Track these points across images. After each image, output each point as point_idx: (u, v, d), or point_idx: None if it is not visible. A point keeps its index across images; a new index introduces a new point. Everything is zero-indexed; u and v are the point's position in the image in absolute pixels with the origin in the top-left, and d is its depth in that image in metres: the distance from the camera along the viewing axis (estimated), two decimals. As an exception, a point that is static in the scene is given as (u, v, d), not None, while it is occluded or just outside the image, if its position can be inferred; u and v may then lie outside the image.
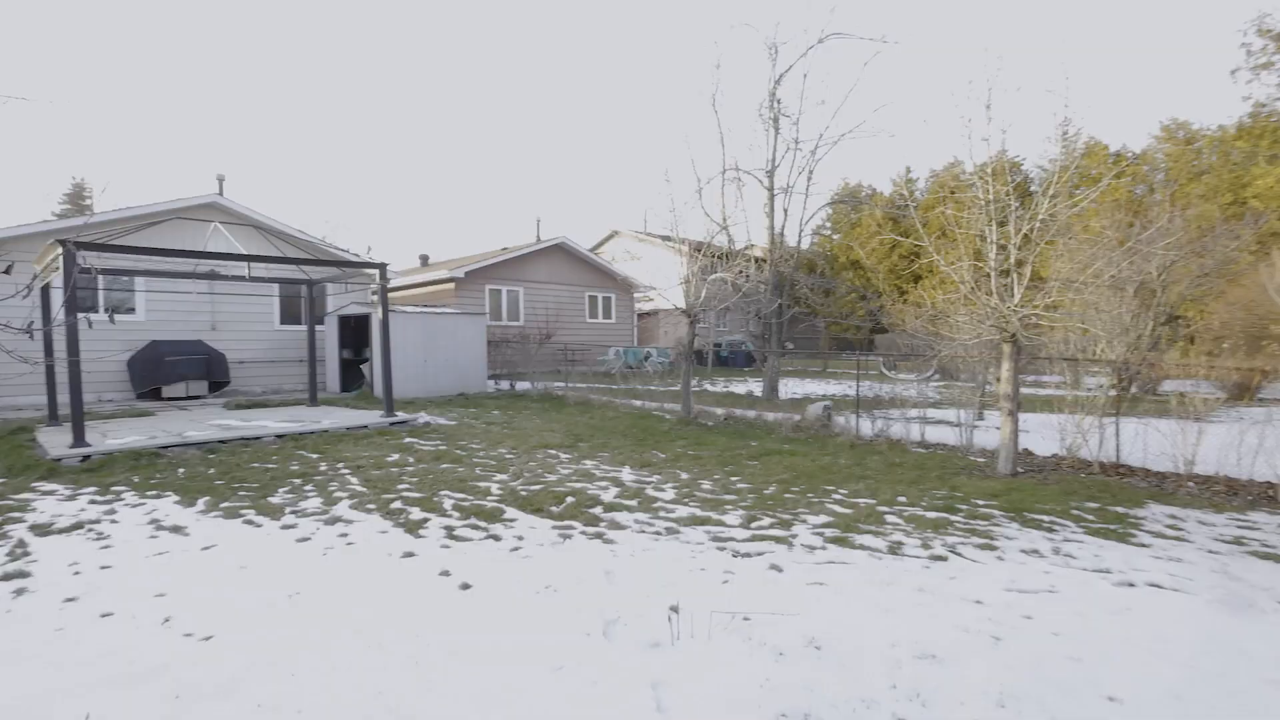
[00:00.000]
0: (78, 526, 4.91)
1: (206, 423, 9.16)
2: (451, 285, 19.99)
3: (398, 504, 5.61)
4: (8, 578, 3.94)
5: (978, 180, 7.00)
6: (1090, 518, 5.33)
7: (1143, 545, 4.69)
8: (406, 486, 6.19)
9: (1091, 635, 3.32)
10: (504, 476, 6.72)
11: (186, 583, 3.91)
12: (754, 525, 5.21)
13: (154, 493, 5.89)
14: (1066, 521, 5.24)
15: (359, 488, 6.14)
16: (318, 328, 15.11)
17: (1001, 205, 6.73)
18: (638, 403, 12.68)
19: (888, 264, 35.33)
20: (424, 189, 70.05)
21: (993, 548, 4.64)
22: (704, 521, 5.28)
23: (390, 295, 22.11)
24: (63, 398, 7.84)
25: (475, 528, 5.05)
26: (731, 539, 4.87)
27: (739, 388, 17.30)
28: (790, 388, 17.07)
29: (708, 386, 17.66)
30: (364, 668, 2.97)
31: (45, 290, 6.99)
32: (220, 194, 13.79)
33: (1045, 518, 5.33)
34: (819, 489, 6.34)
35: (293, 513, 5.34)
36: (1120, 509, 5.57)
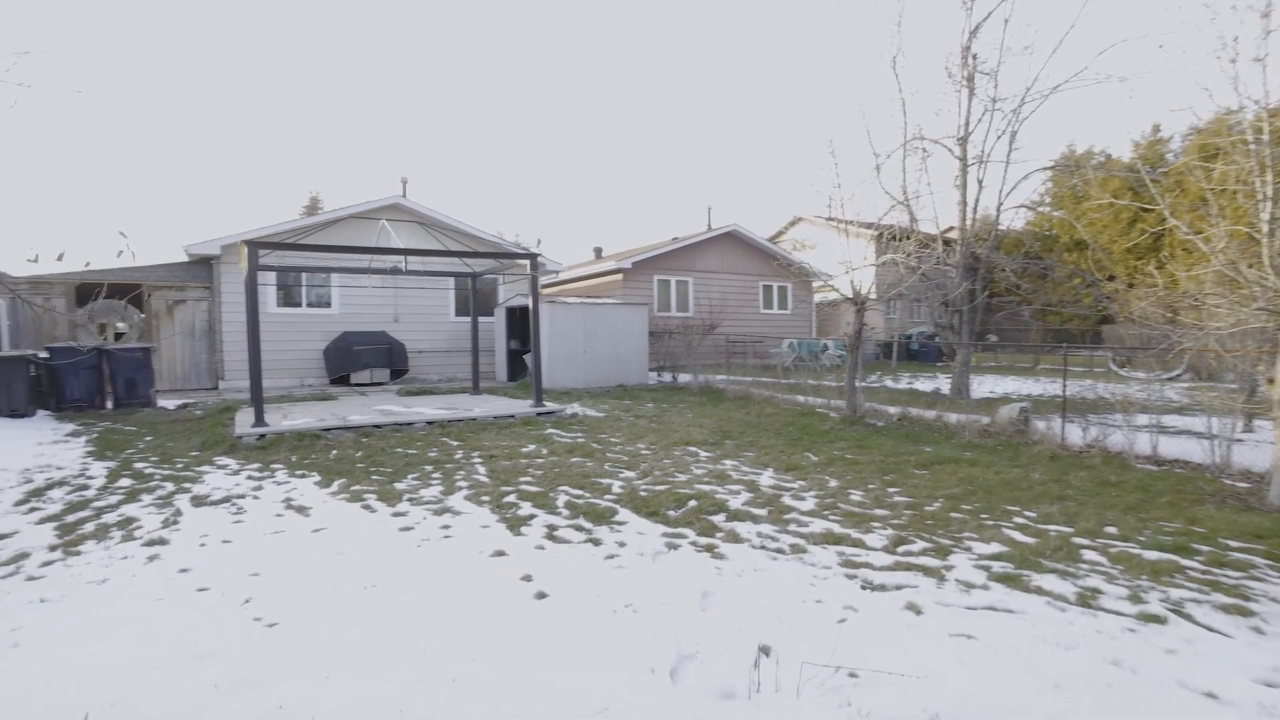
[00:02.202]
0: (226, 500, 5.39)
1: (373, 408, 9.97)
2: (619, 276, 20.23)
3: (512, 498, 5.47)
4: (150, 544, 4.35)
5: (1248, 122, 5.31)
6: None
7: None
8: (528, 480, 6.06)
9: None
10: (631, 474, 6.36)
11: (282, 565, 4.01)
12: (900, 550, 4.30)
13: (301, 472, 6.37)
14: (1376, 582, 3.66)
15: (482, 478, 6.13)
16: (488, 319, 16.05)
17: None
18: (801, 399, 11.72)
19: (1124, 243, 29.84)
20: (604, 184, 72.92)
21: (1247, 612, 3.33)
22: (839, 540, 4.48)
23: (559, 287, 23.22)
24: (266, 382, 9.02)
25: (579, 529, 4.72)
26: (867, 565, 4.04)
27: (925, 384, 15.47)
28: (986, 386, 14.89)
29: (888, 382, 16.02)
30: (392, 680, 2.73)
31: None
32: (403, 195, 15.14)
33: (1339, 574, 3.79)
34: (997, 509, 5.17)
35: (410, 500, 5.42)
36: None
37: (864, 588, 3.70)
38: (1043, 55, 18.01)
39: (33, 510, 5.15)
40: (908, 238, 11.38)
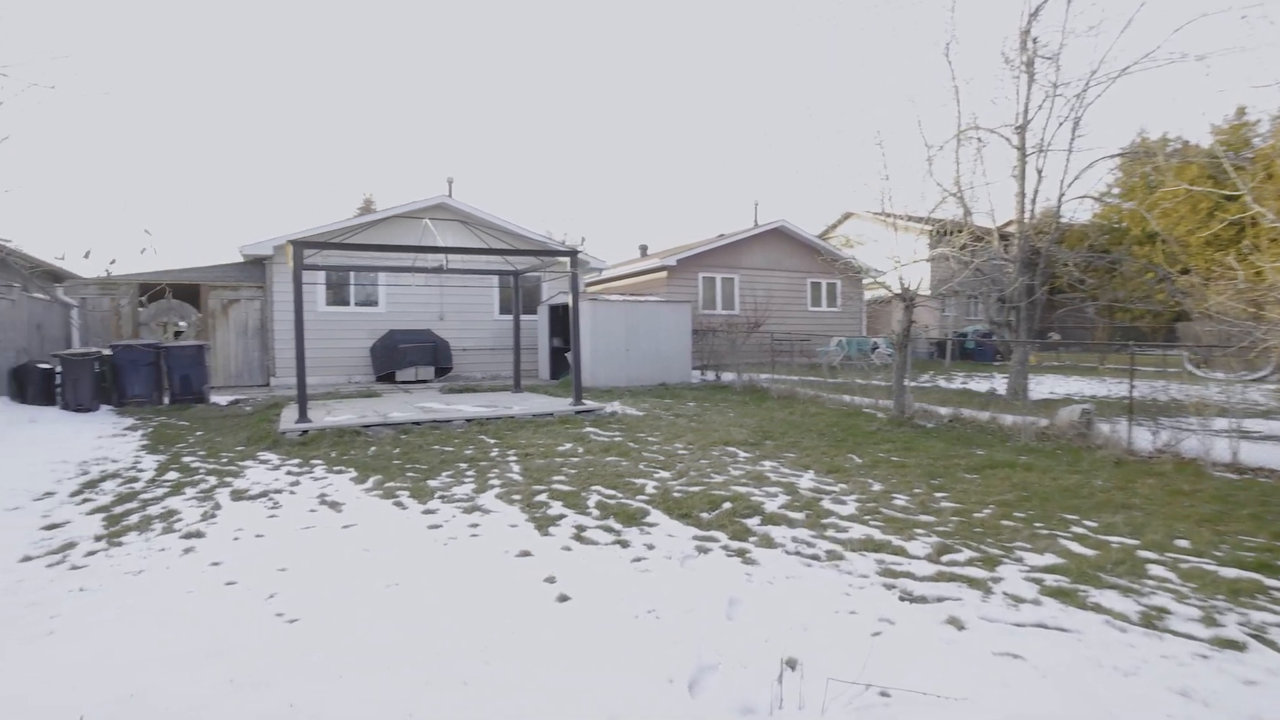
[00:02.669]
0: (264, 495, 5.48)
1: (414, 405, 10.09)
2: (664, 274, 20.07)
3: (543, 496, 5.40)
4: (187, 536, 4.44)
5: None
6: None
7: None
8: (561, 479, 5.99)
9: None
10: (666, 474, 6.22)
11: (310, 561, 4.02)
12: (944, 559, 4.04)
13: (339, 468, 6.45)
14: None
15: (516, 476, 6.09)
16: (531, 317, 16.11)
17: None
18: (848, 398, 11.36)
19: (1202, 234, 27.99)
20: (653, 183, 72.80)
21: (1339, 640, 2.98)
22: (880, 548, 4.24)
23: (604, 285, 23.20)
24: (314, 379, 9.24)
25: (608, 530, 4.61)
26: (908, 574, 3.80)
27: (980, 384, 14.82)
28: (1046, 386, 14.17)
29: (941, 382, 15.43)
30: (403, 681, 2.67)
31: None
32: (448, 195, 15.33)
33: None
34: (1053, 517, 4.83)
35: (441, 497, 5.41)
36: None
37: (902, 599, 3.48)
38: (1110, 35, 16.96)
39: (85, 501, 5.35)
40: (960, 231, 10.89)
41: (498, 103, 70.66)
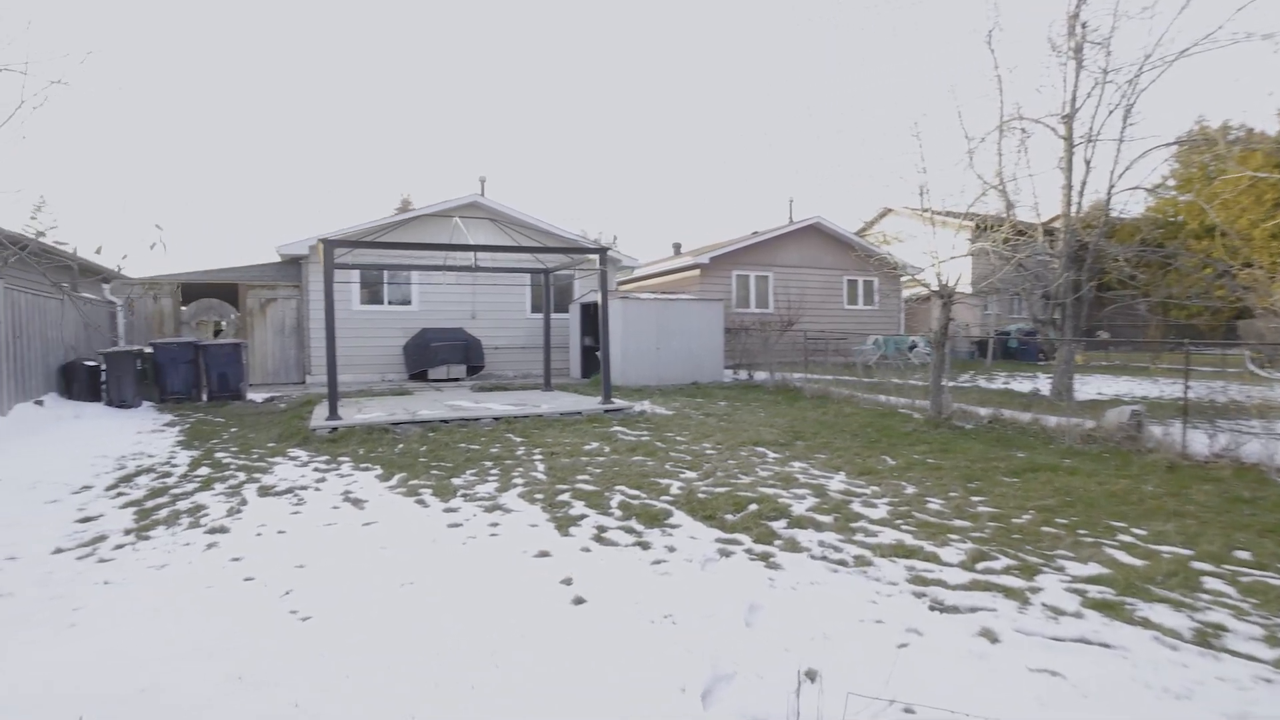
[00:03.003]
0: (289, 491, 5.53)
1: (444, 403, 10.13)
2: (696, 272, 19.88)
3: (565, 496, 5.33)
4: (212, 531, 4.49)
5: None
6: None
7: None
8: (585, 478, 5.91)
9: None
10: (692, 475, 6.09)
11: (328, 558, 4.02)
12: (979, 566, 3.84)
13: (365, 465, 6.48)
14: None
15: (540, 475, 6.03)
16: (563, 316, 16.10)
17: None
18: (883, 398, 11.05)
19: (1269, 226, 26.51)
20: (688, 182, 72.45)
21: None
22: (911, 554, 4.06)
23: (637, 283, 23.09)
24: (347, 377, 9.35)
25: (629, 531, 4.52)
26: (939, 582, 3.62)
27: (1023, 385, 14.30)
28: (1094, 386, 13.58)
29: (981, 382, 14.93)
30: (409, 683, 2.61)
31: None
32: (481, 194, 15.41)
33: None
34: (1098, 524, 4.57)
35: (464, 496, 5.38)
36: None
37: (932, 609, 3.30)
38: (1166, 17, 16.18)
39: (119, 495, 5.47)
40: (1001, 225, 10.51)
41: (536, 105, 71.21)
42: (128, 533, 4.49)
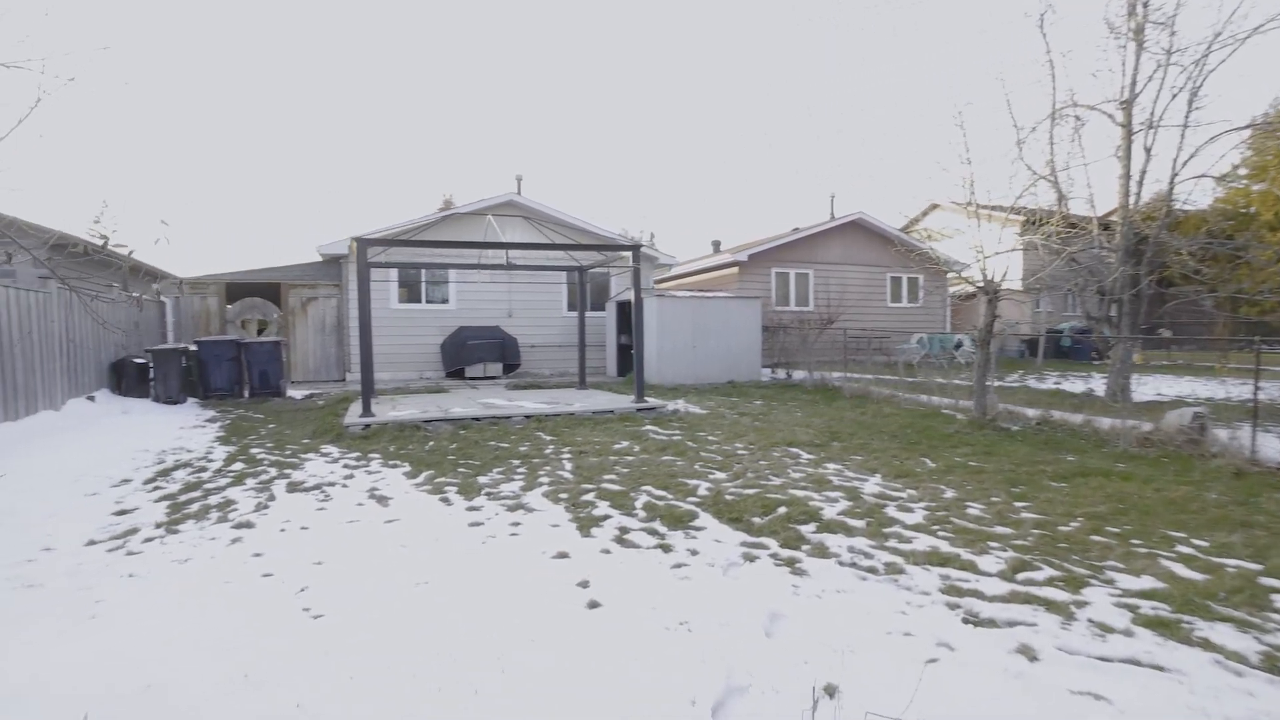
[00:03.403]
0: (317, 487, 5.57)
1: (477, 401, 10.15)
2: (735, 269, 19.60)
3: (590, 496, 5.24)
4: (238, 526, 4.53)
5: None
6: None
7: None
8: (612, 478, 5.81)
9: None
10: (721, 475, 5.94)
11: (347, 556, 4.01)
12: (1020, 577, 3.60)
13: (394, 462, 6.50)
14: None
15: (566, 474, 5.95)
16: (599, 314, 16.05)
17: None
18: (925, 398, 10.67)
19: (1349, 218, 24.75)
20: (728, 179, 71.84)
21: None
22: (946, 562, 3.84)
23: (675, 281, 22.91)
24: (385, 374, 9.47)
25: (652, 533, 4.40)
26: (976, 593, 3.40)
27: (1075, 385, 13.66)
28: (1153, 387, 12.87)
29: (1031, 382, 14.32)
30: (413, 686, 2.54)
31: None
32: (517, 192, 15.45)
33: None
34: (1154, 534, 4.25)
35: (488, 494, 5.33)
36: None
37: (966, 621, 3.09)
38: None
39: (155, 489, 5.59)
40: (1051, 219, 10.01)
41: (579, 104, 71.61)
42: (158, 526, 4.57)
